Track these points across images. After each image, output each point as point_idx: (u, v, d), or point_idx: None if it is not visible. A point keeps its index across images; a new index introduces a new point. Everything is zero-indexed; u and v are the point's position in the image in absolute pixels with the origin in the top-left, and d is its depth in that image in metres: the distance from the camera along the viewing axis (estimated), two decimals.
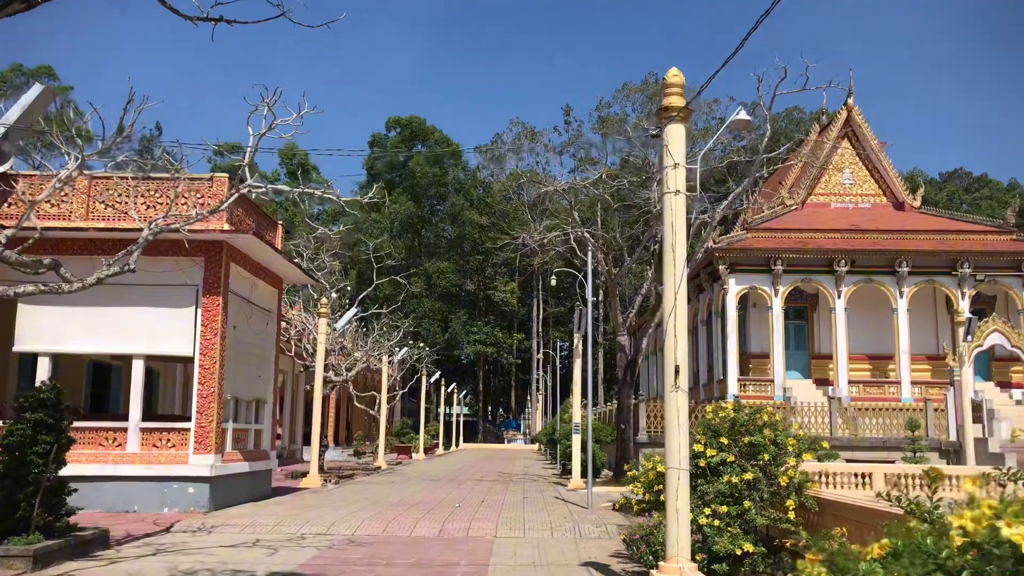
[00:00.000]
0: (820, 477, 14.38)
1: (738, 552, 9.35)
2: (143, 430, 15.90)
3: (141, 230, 15.42)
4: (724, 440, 10.30)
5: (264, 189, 9.88)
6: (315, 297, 26.85)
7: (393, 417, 59.49)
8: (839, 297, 34.53)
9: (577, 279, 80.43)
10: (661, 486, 10.41)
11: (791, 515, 9.64)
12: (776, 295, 34.53)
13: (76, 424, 15.75)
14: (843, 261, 34.42)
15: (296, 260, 23.80)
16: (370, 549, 12.00)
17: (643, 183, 24.22)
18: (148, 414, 18.67)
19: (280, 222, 20.20)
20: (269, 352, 19.54)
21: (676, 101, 8.63)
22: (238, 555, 11.25)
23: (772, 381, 34.01)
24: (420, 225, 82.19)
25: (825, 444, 11.67)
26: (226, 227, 15.90)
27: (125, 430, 15.84)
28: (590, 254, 17.58)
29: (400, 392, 49.00)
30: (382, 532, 13.55)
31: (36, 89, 10.27)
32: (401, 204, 78.72)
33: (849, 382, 34.06)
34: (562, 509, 16.97)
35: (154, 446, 15.85)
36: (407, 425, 52.72)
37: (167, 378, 26.52)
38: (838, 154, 39.50)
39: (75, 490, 11.44)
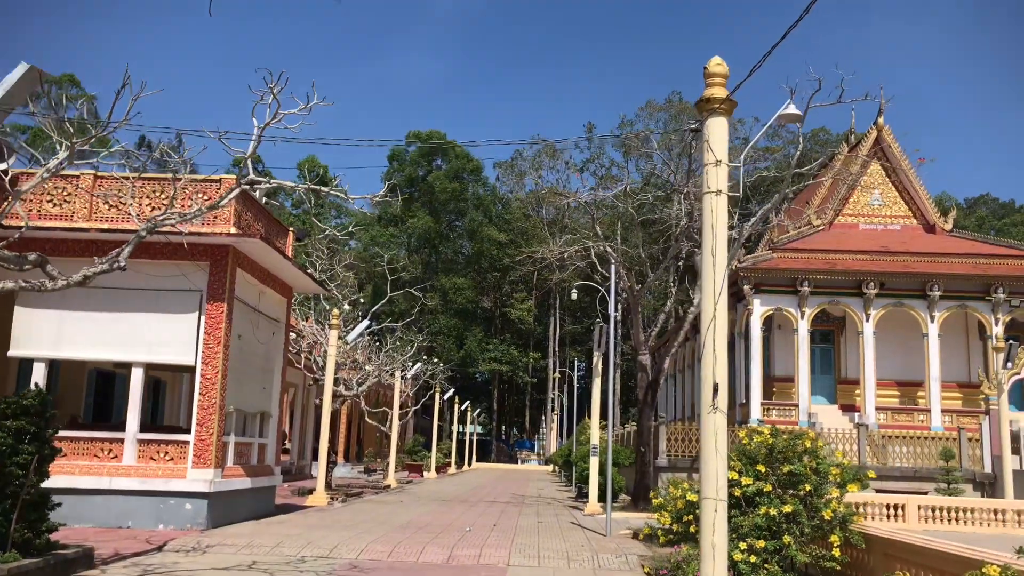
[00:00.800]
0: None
1: None
2: (141, 442, 15.13)
3: (152, 232, 14.79)
4: (761, 468, 9.41)
5: (267, 183, 9.15)
6: (327, 309, 26.11)
7: (405, 434, 58.59)
8: (867, 320, 33.48)
9: (596, 296, 79.44)
10: (691, 516, 9.51)
11: (835, 552, 8.70)
12: (802, 317, 33.52)
13: (69, 434, 15.09)
14: (872, 283, 33.41)
15: (309, 271, 23.11)
16: None
17: (667, 198, 23.37)
18: (149, 425, 17.96)
19: (291, 228, 19.48)
20: (276, 363, 18.77)
21: (719, 92, 7.81)
22: None
23: (797, 406, 32.93)
24: (438, 240, 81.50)
25: (872, 474, 10.67)
26: (232, 230, 15.19)
27: (121, 441, 15.08)
28: (613, 268, 16.73)
29: (413, 409, 48.13)
30: (387, 557, 12.67)
31: (21, 68, 9.60)
32: (419, 219, 78.15)
33: (877, 408, 32.93)
34: (579, 536, 16.03)
35: (151, 459, 15.08)
36: (419, 443, 51.80)
37: (174, 389, 25.84)
38: (867, 174, 38.50)
39: (58, 504, 10.63)
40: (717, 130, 7.79)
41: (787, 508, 8.83)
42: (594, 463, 21.59)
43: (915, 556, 7.52)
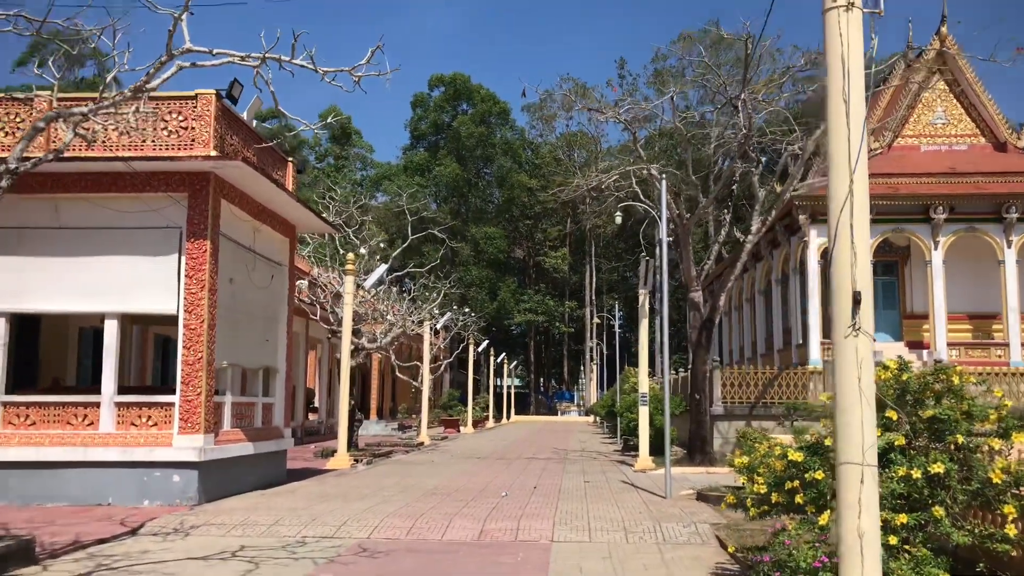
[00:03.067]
0: None
1: None
2: (119, 405, 13.00)
3: (112, 160, 12.51)
4: (892, 415, 6.92)
5: (211, 54, 6.73)
6: (342, 254, 23.85)
7: (441, 389, 56.80)
8: (936, 248, 30.46)
9: (632, 242, 76.58)
10: (796, 483, 7.07)
11: (1010, 530, 6.22)
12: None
13: (36, 399, 13.01)
14: (941, 207, 30.30)
15: (323, 214, 20.79)
16: (384, 562, 8.90)
17: (720, 110, 20.57)
18: (131, 386, 15.90)
19: (291, 159, 17.08)
20: (279, 311, 16.52)
21: None
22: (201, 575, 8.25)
23: None
24: (466, 189, 78.67)
25: None
26: (212, 153, 12.82)
27: (97, 406, 12.96)
28: (664, 186, 14.14)
29: (446, 362, 46.07)
30: (406, 535, 10.44)
31: None
32: (446, 166, 75.35)
33: (948, 344, 30.05)
34: (634, 499, 13.70)
35: (132, 425, 12.95)
36: (454, 397, 49.90)
37: None
38: (929, 90, 35.15)
39: None
40: None
41: (936, 468, 6.36)
42: (643, 413, 19.22)
43: None
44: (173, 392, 13.03)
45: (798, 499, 6.93)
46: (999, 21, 41.87)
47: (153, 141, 13.10)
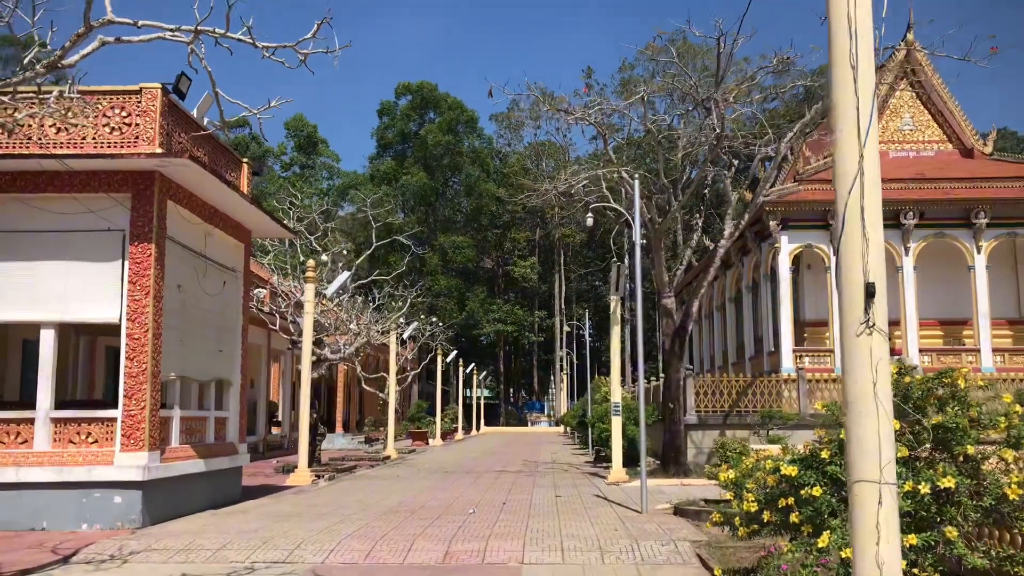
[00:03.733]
0: None
1: None
2: (56, 421, 12.07)
3: (44, 157, 11.63)
4: (895, 424, 6.29)
5: (136, 27, 5.98)
6: (302, 262, 22.99)
7: (409, 401, 55.78)
8: (906, 254, 30.30)
9: (601, 251, 76.02)
10: (790, 500, 6.42)
11: None
12: (835, 253, 30.26)
13: None
14: (911, 213, 30.17)
15: (285, 221, 19.95)
16: None
17: (690, 114, 20.07)
18: (77, 401, 14.95)
19: (245, 160, 16.24)
20: (233, 320, 15.64)
21: None
22: None
23: (831, 351, 29.84)
24: (434, 198, 77.78)
25: None
26: (157, 150, 11.98)
27: (31, 421, 12.01)
28: (636, 186, 13.50)
29: (413, 373, 45.16)
30: (364, 558, 9.65)
31: None
32: (413, 175, 74.44)
33: (920, 350, 29.85)
34: (608, 514, 13.02)
35: (70, 442, 12.02)
36: (422, 409, 48.96)
37: None
38: (895, 96, 35.06)
39: None
40: None
41: (946, 482, 5.75)
42: (616, 424, 18.58)
43: None
44: (115, 406, 12.13)
45: (793, 518, 6.27)
46: (968, 23, 41.97)
47: (95, 138, 12.22)
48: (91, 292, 12.19)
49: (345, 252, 26.51)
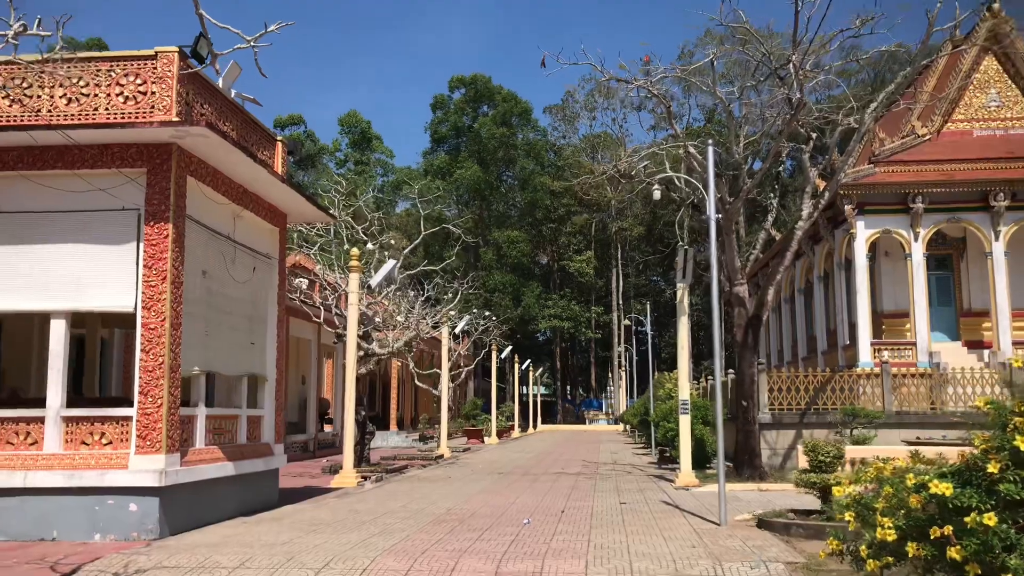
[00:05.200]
0: None
1: None
2: (67, 420, 10.95)
3: (46, 128, 10.52)
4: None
5: None
6: (346, 250, 21.82)
7: (464, 398, 54.63)
8: (997, 239, 27.98)
9: (659, 245, 73.95)
10: (949, 528, 4.81)
11: None
12: (916, 239, 28.15)
13: None
14: (1001, 194, 27.87)
15: (331, 211, 18.76)
16: None
17: (763, 83, 18.31)
18: (94, 398, 13.91)
19: (280, 139, 15.02)
20: (267, 310, 14.44)
21: None
22: None
23: (913, 344, 27.70)
24: (488, 192, 76.47)
25: None
26: (174, 118, 10.78)
27: (41, 421, 10.92)
28: (711, 153, 11.89)
29: (467, 369, 43.93)
30: None
31: None
32: (467, 169, 73.26)
33: (1013, 343, 27.50)
34: (681, 525, 11.45)
35: (83, 443, 10.90)
36: (477, 406, 47.70)
37: None
38: (980, 71, 32.56)
39: None
40: None
41: None
42: (685, 422, 17.04)
43: None
44: (131, 404, 10.98)
45: (952, 553, 4.67)
46: None
47: (107, 109, 11.09)
48: (105, 278, 11.05)
49: (393, 242, 25.31)
